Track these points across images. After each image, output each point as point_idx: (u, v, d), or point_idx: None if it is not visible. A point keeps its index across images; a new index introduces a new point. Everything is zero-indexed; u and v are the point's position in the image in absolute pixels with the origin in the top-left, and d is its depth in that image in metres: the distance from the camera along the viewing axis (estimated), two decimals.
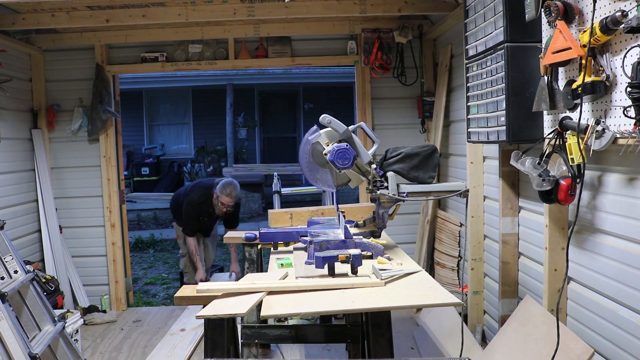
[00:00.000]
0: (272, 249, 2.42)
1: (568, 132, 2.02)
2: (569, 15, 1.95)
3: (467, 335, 3.18)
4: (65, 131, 4.53)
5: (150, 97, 12.08)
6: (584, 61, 1.82)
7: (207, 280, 4.45)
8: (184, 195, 4.66)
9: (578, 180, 2.03)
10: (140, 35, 4.42)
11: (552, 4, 1.96)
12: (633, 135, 1.67)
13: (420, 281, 1.81)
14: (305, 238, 2.26)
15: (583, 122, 1.91)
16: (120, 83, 4.80)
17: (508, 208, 2.97)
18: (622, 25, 1.62)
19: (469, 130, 2.88)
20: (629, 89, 1.63)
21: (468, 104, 2.87)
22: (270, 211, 3.09)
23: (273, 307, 1.65)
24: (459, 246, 3.93)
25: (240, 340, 2.60)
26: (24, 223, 4.22)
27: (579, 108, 1.89)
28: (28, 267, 2.83)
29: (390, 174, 2.17)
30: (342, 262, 1.89)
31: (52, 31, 4.35)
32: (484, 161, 3.44)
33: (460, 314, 3.40)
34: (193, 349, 3.66)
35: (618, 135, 1.77)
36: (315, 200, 8.40)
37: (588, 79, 1.82)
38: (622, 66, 1.71)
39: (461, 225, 3.89)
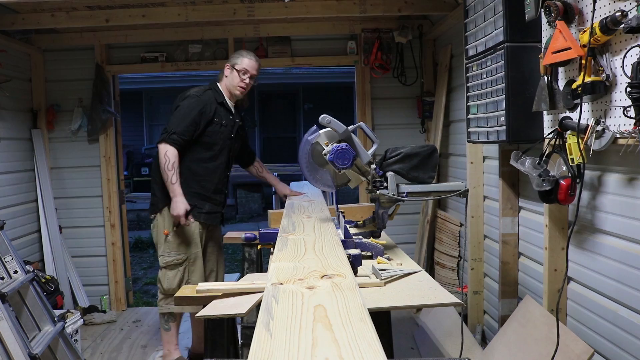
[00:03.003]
0: (272, 249, 2.42)
1: (568, 132, 2.02)
2: (569, 15, 1.95)
3: (467, 335, 3.18)
4: (65, 131, 4.53)
5: (150, 97, 12.07)
6: (583, 61, 1.82)
7: (188, 212, 2.94)
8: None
9: (578, 180, 2.03)
10: (140, 35, 4.42)
11: (552, 4, 1.96)
12: (633, 135, 1.67)
13: (420, 281, 1.81)
14: None
15: (583, 122, 1.91)
16: (120, 83, 4.80)
17: (508, 208, 2.97)
18: (622, 25, 1.62)
19: (469, 130, 2.88)
20: (628, 89, 1.62)
21: (468, 104, 2.87)
22: (270, 211, 3.09)
23: None
24: (459, 246, 3.92)
25: (240, 340, 2.60)
26: (23, 223, 4.22)
27: (578, 108, 1.89)
28: (28, 267, 2.83)
29: (389, 174, 2.16)
30: None
31: (52, 31, 4.35)
32: (484, 161, 3.44)
33: (460, 314, 3.40)
34: None
35: (618, 135, 1.77)
36: None
37: (588, 79, 1.81)
38: (622, 66, 1.71)
39: (461, 225, 3.89)
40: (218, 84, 3.22)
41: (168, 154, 2.92)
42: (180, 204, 2.91)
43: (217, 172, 3.12)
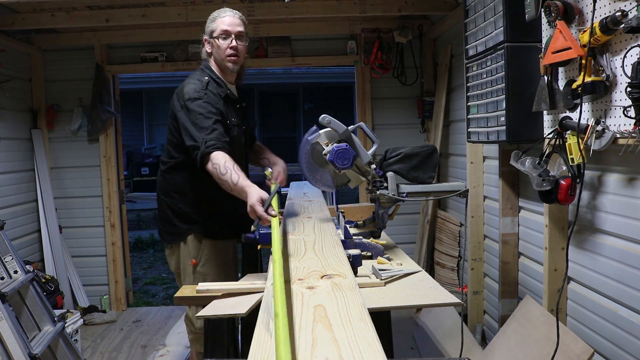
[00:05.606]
0: (272, 249, 2.41)
1: (568, 132, 2.02)
2: (569, 15, 1.95)
3: (467, 335, 3.18)
4: (65, 131, 4.53)
5: (150, 97, 12.07)
6: (584, 61, 1.82)
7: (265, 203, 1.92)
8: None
9: (578, 180, 2.03)
10: (140, 35, 4.42)
11: (552, 3, 1.96)
12: (633, 135, 1.67)
13: (420, 281, 1.81)
14: None
15: (583, 122, 1.91)
16: (120, 83, 4.80)
17: (508, 208, 2.97)
18: (622, 25, 1.62)
19: (469, 130, 2.88)
20: (629, 89, 1.62)
21: (468, 104, 2.87)
22: None
23: None
24: (459, 246, 3.92)
25: (240, 340, 2.59)
26: (23, 223, 4.21)
27: (579, 108, 1.89)
28: (28, 267, 2.84)
29: (389, 174, 2.16)
30: None
31: (52, 31, 4.35)
32: (484, 161, 3.44)
33: (460, 314, 3.40)
34: None
35: (618, 135, 1.77)
36: None
37: (588, 79, 1.81)
38: (622, 66, 1.71)
39: (461, 225, 3.89)
40: (212, 68, 2.55)
41: (215, 161, 2.13)
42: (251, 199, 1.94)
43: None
